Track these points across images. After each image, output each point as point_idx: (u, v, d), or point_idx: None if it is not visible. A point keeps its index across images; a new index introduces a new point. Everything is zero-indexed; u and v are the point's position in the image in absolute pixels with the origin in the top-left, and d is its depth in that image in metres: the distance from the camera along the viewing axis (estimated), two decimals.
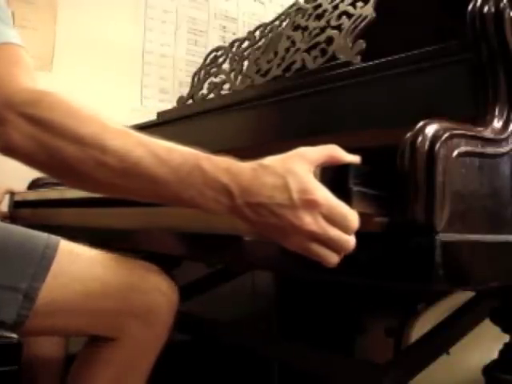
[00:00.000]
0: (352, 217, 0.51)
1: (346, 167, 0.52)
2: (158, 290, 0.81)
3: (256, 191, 0.52)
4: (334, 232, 0.51)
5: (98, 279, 0.78)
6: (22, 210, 1.40)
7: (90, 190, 0.61)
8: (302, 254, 0.52)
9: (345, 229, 0.51)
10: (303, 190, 0.51)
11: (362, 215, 0.51)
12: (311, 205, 0.50)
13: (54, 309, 0.74)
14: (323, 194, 0.51)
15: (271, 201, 0.51)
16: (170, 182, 0.54)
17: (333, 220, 0.50)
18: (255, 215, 0.52)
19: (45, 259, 0.73)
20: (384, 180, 0.52)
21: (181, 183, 0.54)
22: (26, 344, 0.90)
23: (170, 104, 1.62)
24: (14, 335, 0.84)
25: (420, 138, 0.50)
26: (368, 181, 0.52)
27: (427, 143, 0.50)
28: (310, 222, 0.50)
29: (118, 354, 0.79)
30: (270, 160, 0.54)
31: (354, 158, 0.56)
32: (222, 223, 0.62)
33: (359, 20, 0.95)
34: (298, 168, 0.52)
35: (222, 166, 0.54)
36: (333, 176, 0.53)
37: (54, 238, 0.77)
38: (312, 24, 1.09)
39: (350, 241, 0.52)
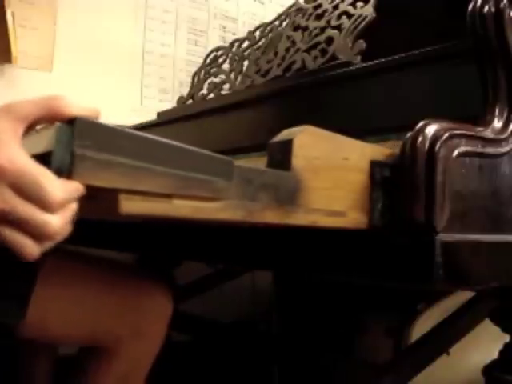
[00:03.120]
0: (51, 187, 0.36)
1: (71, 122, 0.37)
2: (151, 301, 0.80)
3: None
4: (24, 208, 0.36)
5: (89, 288, 0.76)
6: None
7: None
8: None
9: (41, 204, 0.36)
10: None
11: (95, 190, 0.37)
12: None
13: (47, 319, 0.73)
14: (9, 156, 0.36)
15: None
16: None
17: (23, 191, 0.36)
18: None
19: (32, 270, 0.72)
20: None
21: None
22: None
23: (170, 104, 1.62)
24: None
25: (420, 138, 0.50)
26: (118, 146, 0.37)
27: (427, 143, 0.50)
28: None
29: (115, 365, 0.78)
30: None
31: (88, 110, 0.40)
32: None
33: (359, 20, 0.95)
34: None
35: None
36: (67, 135, 0.37)
37: None
38: (312, 24, 1.09)
39: (49, 222, 0.37)
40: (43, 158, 0.38)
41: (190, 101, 1.35)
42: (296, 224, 0.46)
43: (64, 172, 0.36)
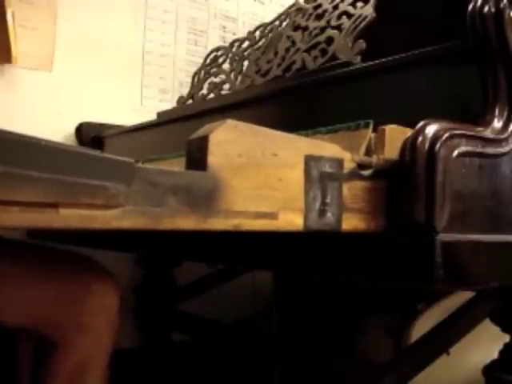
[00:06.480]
0: None
1: None
2: (89, 293, 0.80)
3: None
4: None
5: (28, 275, 0.78)
6: None
7: None
8: None
9: None
10: None
11: None
12: None
13: None
14: None
15: None
16: None
17: None
18: None
19: None
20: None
21: None
22: None
23: (170, 104, 1.62)
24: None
25: (420, 138, 0.50)
26: None
27: (427, 143, 0.50)
28: None
29: (67, 359, 0.78)
30: None
31: None
32: None
33: (359, 20, 0.95)
34: None
35: None
36: None
37: None
38: (312, 24, 1.09)
39: None
40: None
41: (190, 101, 1.35)
42: (215, 229, 0.42)
43: None
